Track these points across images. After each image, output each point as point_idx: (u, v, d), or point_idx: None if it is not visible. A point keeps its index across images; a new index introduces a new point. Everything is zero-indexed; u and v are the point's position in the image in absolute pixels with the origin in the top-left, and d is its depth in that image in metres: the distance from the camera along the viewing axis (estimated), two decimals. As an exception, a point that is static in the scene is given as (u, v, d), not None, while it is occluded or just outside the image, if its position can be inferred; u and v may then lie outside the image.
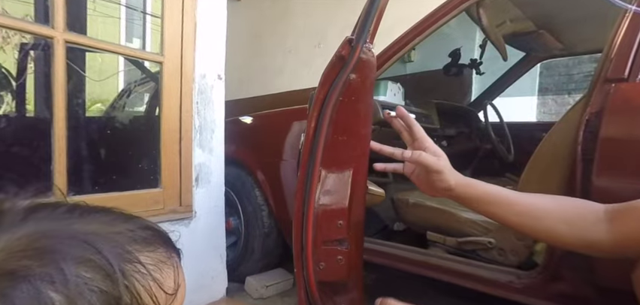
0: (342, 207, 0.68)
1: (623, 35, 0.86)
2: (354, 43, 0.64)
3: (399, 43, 1.41)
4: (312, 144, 0.64)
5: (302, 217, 0.67)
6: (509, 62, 1.93)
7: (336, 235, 0.69)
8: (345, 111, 0.64)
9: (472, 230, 1.24)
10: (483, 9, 1.31)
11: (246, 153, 1.65)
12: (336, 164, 0.67)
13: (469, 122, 1.86)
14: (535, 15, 1.46)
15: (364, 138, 0.69)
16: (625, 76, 0.84)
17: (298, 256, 0.68)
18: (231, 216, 1.59)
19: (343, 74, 0.63)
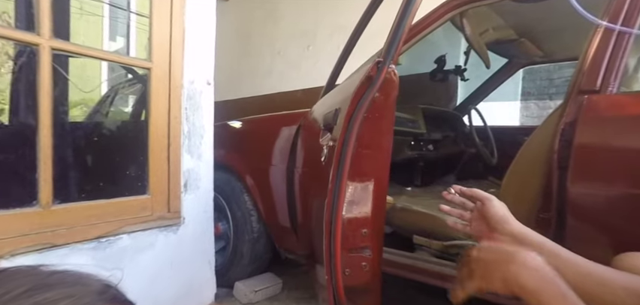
0: (366, 216, 0.73)
1: (595, 49, 0.90)
2: (381, 64, 0.70)
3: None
4: (340, 157, 0.67)
5: (330, 226, 0.69)
6: (493, 68, 1.98)
7: (361, 243, 0.74)
8: (370, 127, 0.70)
9: (457, 234, 1.28)
10: (466, 19, 1.35)
11: (235, 158, 1.66)
12: (360, 175, 0.71)
13: (454, 126, 1.90)
14: (516, 24, 1.51)
15: (386, 151, 0.74)
16: (597, 88, 0.88)
17: (328, 263, 0.70)
18: (220, 221, 1.60)
19: (370, 93, 0.67)
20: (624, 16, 0.87)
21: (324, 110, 1.03)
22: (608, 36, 0.88)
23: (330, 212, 0.69)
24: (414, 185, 1.81)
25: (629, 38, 0.86)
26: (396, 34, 0.72)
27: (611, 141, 0.86)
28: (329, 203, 0.69)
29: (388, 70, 0.70)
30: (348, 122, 0.67)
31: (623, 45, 0.87)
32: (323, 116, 0.91)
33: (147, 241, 1.26)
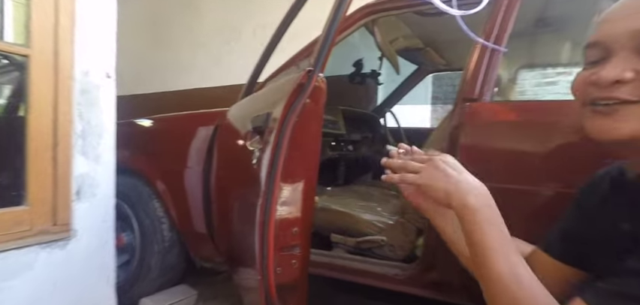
0: (296, 216, 0.77)
1: (474, 62, 1.03)
2: (311, 73, 0.74)
3: (304, 52, 1.47)
4: (274, 160, 0.70)
5: (263, 227, 0.72)
6: (406, 73, 2.15)
7: (292, 241, 0.78)
8: (301, 131, 0.73)
9: (369, 230, 1.36)
10: (377, 26, 1.44)
11: (143, 160, 1.51)
12: (291, 177, 0.75)
13: (372, 128, 2.02)
14: (421, 34, 1.66)
15: (315, 154, 0.79)
16: (475, 96, 1.01)
17: (261, 263, 0.73)
18: (124, 231, 1.44)
19: (301, 99, 0.72)
20: (496, 35, 1.00)
21: (251, 112, 1.02)
22: (484, 52, 1.01)
23: (264, 213, 0.71)
24: (334, 185, 1.87)
25: (498, 55, 1.00)
26: (324, 45, 0.76)
27: (486, 143, 0.99)
28: (262, 205, 0.71)
29: (317, 78, 0.74)
30: (281, 126, 0.70)
31: (495, 60, 1.00)
32: (251, 119, 0.92)
33: (22, 262, 1.07)
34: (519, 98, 2.29)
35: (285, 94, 0.77)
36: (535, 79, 3.51)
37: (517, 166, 0.94)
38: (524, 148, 0.94)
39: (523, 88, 3.54)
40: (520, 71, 2.03)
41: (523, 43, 1.73)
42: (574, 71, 1.97)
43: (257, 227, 0.74)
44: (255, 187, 0.80)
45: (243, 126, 1.07)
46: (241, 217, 1.00)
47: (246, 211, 0.90)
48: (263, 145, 0.78)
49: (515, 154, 0.95)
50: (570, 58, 1.97)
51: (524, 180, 0.92)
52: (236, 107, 1.40)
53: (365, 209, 1.47)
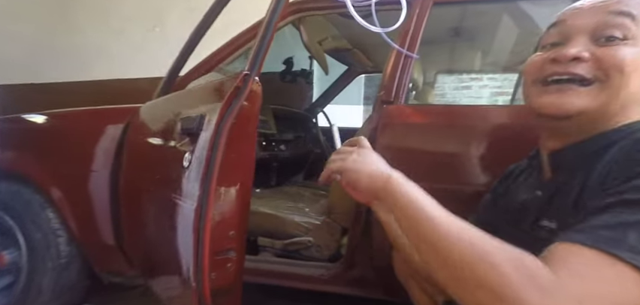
0: (232, 219, 0.77)
1: (391, 67, 1.07)
2: (248, 77, 0.74)
3: (227, 50, 1.39)
4: (210, 162, 0.69)
5: (199, 232, 0.70)
6: (337, 73, 2.19)
7: (228, 245, 0.77)
8: (237, 133, 0.73)
9: (296, 231, 1.34)
10: (303, 25, 1.42)
11: (33, 164, 1.29)
12: (227, 179, 0.74)
13: (305, 127, 2.01)
14: (348, 35, 1.69)
15: (250, 156, 0.79)
16: (391, 99, 1.05)
17: (195, 270, 0.72)
18: (6, 249, 1.22)
19: (238, 102, 0.72)
20: (409, 43, 1.05)
21: (175, 112, 0.97)
22: (399, 58, 1.05)
23: (199, 217, 0.70)
24: (265, 186, 1.82)
25: (411, 61, 1.05)
26: (260, 49, 0.78)
27: (401, 143, 1.03)
28: (198, 209, 0.70)
29: (254, 81, 0.76)
30: (217, 128, 0.70)
31: (408, 66, 1.05)
32: (180, 120, 0.87)
33: None
34: (438, 100, 2.51)
35: (219, 96, 0.77)
36: (454, 83, 3.88)
37: (429, 165, 1.00)
38: (434, 148, 1.00)
39: (443, 91, 3.90)
40: (439, 76, 2.21)
41: (442, 51, 1.87)
42: (485, 77, 2.20)
43: (191, 232, 0.72)
44: (179, 190, 0.78)
45: (166, 126, 0.99)
46: (161, 223, 0.93)
47: (167, 216, 0.86)
48: (196, 147, 0.76)
49: (427, 153, 1.01)
50: (481, 66, 2.19)
51: (435, 179, 0.98)
52: (152, 104, 1.27)
53: (293, 211, 1.45)
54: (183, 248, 0.79)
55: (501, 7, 1.29)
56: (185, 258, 0.77)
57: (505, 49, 1.70)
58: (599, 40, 0.45)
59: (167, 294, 1.00)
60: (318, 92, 2.43)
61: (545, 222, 0.49)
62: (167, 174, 0.89)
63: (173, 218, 0.82)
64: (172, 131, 0.93)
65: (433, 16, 1.10)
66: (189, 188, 0.74)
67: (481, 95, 3.69)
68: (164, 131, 1.01)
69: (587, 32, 0.46)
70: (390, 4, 1.04)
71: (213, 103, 0.77)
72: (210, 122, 0.73)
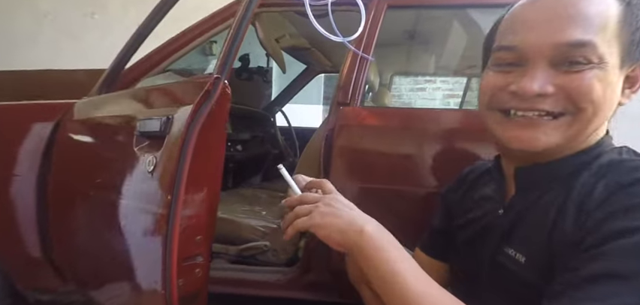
0: (200, 223, 0.76)
1: (347, 68, 1.06)
2: (218, 80, 0.74)
3: (179, 41, 1.30)
4: (179, 167, 0.68)
5: (167, 239, 0.69)
6: (296, 72, 2.16)
7: (196, 250, 0.76)
8: (205, 136, 0.71)
9: (252, 235, 1.29)
10: (258, 22, 1.37)
11: None
12: (195, 183, 0.73)
13: (263, 127, 1.95)
14: (306, 34, 1.66)
15: (219, 159, 0.78)
16: (348, 101, 1.04)
17: (164, 278, 0.70)
18: None
19: (208, 105, 0.72)
20: (364, 45, 1.05)
21: (128, 112, 0.93)
22: (355, 60, 1.05)
23: (167, 224, 0.68)
24: (221, 189, 1.73)
25: (367, 63, 1.05)
26: (230, 51, 0.77)
27: (357, 145, 1.03)
28: (165, 215, 0.68)
29: (224, 85, 0.75)
30: (186, 132, 0.69)
31: (364, 68, 1.05)
32: (138, 122, 0.83)
33: None
34: (394, 101, 2.58)
35: (186, 98, 0.76)
36: (409, 85, 4.04)
37: (384, 167, 1.01)
38: (390, 150, 1.02)
39: (399, 93, 4.04)
40: (395, 77, 2.27)
41: (397, 53, 1.92)
42: (438, 80, 2.28)
43: (156, 237, 0.71)
44: (139, 195, 0.77)
45: (114, 127, 0.94)
46: (106, 229, 0.88)
47: (114, 222, 0.83)
48: (162, 151, 0.73)
49: (383, 155, 1.02)
50: (434, 69, 2.29)
51: (391, 180, 1.00)
52: (92, 101, 1.15)
53: (249, 214, 1.40)
54: (142, 254, 0.77)
55: (451, 14, 1.34)
56: (146, 265, 0.75)
57: (456, 54, 1.78)
58: (560, 66, 0.41)
59: (117, 303, 0.93)
60: (277, 90, 2.38)
61: (511, 251, 0.47)
62: (116, 178, 0.85)
63: (127, 224, 0.80)
64: (124, 133, 0.87)
65: (388, 19, 1.11)
66: (154, 193, 0.72)
67: (434, 96, 3.88)
68: (113, 132, 0.94)
69: (546, 58, 0.41)
70: (347, 5, 1.03)
71: (179, 105, 0.76)
72: (176, 125, 0.72)
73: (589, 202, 0.38)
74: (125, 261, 0.81)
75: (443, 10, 1.30)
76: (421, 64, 2.16)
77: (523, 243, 0.45)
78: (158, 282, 0.69)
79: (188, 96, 0.75)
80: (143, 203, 0.75)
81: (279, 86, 2.46)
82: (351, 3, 1.01)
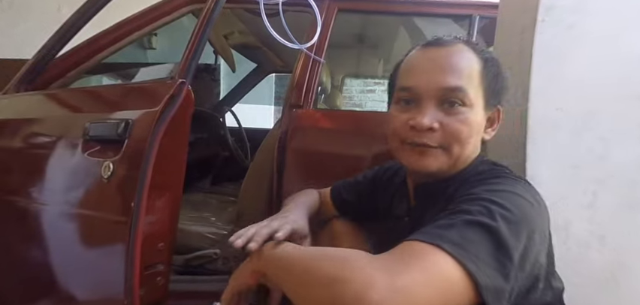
0: (162, 231, 0.75)
1: (299, 71, 1.05)
2: (183, 85, 0.73)
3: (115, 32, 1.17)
4: (142, 173, 0.66)
5: (128, 248, 0.67)
6: (246, 70, 2.09)
7: (158, 258, 0.75)
8: (169, 141, 0.70)
9: (200, 243, 1.22)
10: (205, 18, 1.29)
11: None
12: (157, 190, 0.71)
13: (209, 128, 1.86)
14: (257, 32, 1.62)
15: (181, 164, 0.77)
16: (301, 103, 1.04)
17: (126, 288, 0.68)
18: None
19: (172, 109, 0.70)
20: (316, 48, 1.06)
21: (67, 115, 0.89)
22: (307, 62, 1.04)
23: (129, 232, 0.67)
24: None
25: (319, 65, 1.06)
26: (194, 55, 0.77)
27: (310, 147, 1.03)
28: (126, 223, 0.67)
29: (188, 88, 0.75)
30: (150, 137, 0.67)
31: (316, 70, 1.05)
32: (89, 125, 0.78)
33: None
34: (346, 102, 2.65)
35: (146, 102, 0.75)
36: (359, 87, 4.18)
37: (337, 168, 1.03)
38: (343, 152, 1.03)
39: (351, 94, 4.16)
40: (346, 79, 2.32)
41: (348, 56, 1.96)
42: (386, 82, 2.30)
43: (114, 246, 0.70)
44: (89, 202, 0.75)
45: (51, 129, 0.88)
46: (45, 243, 0.83)
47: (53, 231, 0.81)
48: (121, 156, 0.71)
49: (336, 157, 1.04)
50: (383, 72, 2.39)
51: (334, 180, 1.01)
52: (14, 100, 0.99)
53: (197, 221, 1.32)
54: (100, 265, 0.75)
55: (398, 20, 1.41)
56: (104, 275, 0.74)
57: (401, 58, 1.87)
58: (444, 105, 0.55)
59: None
60: (225, 89, 2.29)
61: None
62: (59, 186, 0.81)
63: (77, 234, 0.77)
64: (68, 137, 0.82)
65: (339, 22, 1.13)
66: (112, 201, 0.71)
67: (383, 98, 4.03)
68: (51, 136, 0.87)
69: (433, 98, 0.56)
70: (298, 6, 1.03)
71: (137, 109, 0.74)
72: (138, 130, 0.71)
73: (455, 198, 0.52)
74: (76, 273, 0.79)
75: (390, 16, 1.36)
76: (371, 66, 2.23)
77: None
78: (119, 293, 0.68)
79: (149, 100, 0.74)
80: (98, 212, 0.73)
81: (227, 84, 2.37)
82: (304, 5, 1.01)
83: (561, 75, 0.64)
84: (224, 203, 1.57)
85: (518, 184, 0.51)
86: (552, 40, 0.63)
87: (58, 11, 2.25)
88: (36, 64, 1.03)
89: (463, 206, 0.47)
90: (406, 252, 0.43)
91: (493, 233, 0.43)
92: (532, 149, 0.63)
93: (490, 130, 0.60)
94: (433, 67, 0.56)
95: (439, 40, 0.59)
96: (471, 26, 1.09)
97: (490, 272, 0.41)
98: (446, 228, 0.44)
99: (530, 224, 0.46)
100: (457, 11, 1.15)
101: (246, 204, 1.24)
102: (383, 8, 1.20)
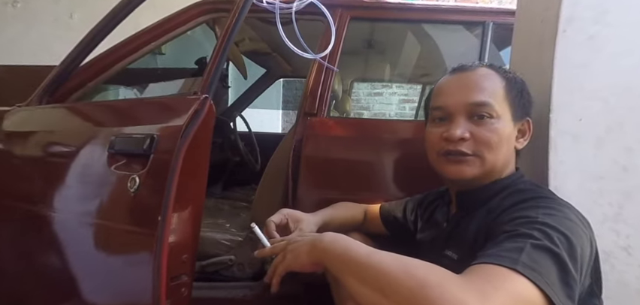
0: (186, 243, 0.77)
1: (313, 79, 1.06)
2: (206, 99, 0.74)
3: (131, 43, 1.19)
4: (168, 186, 0.67)
5: (154, 260, 0.68)
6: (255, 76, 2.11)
7: (182, 270, 0.76)
8: (192, 155, 0.72)
9: (215, 250, 1.23)
10: (218, 25, 1.32)
11: None
12: (181, 202, 0.73)
13: (221, 133, 1.87)
14: (267, 39, 1.63)
15: (204, 177, 0.80)
16: (315, 111, 1.04)
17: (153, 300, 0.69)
18: None
19: (196, 124, 0.71)
20: (330, 56, 1.06)
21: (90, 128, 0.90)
22: (321, 69, 1.05)
23: (156, 244, 0.68)
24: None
25: (333, 73, 1.07)
26: (217, 68, 0.78)
27: (325, 155, 1.04)
28: (153, 236, 0.68)
29: (211, 103, 0.76)
30: (176, 152, 0.69)
31: (330, 78, 1.06)
32: (115, 139, 0.80)
33: None
34: (354, 106, 2.66)
35: (168, 116, 0.77)
36: (367, 90, 4.19)
37: (351, 176, 1.03)
38: (357, 159, 1.04)
39: (358, 97, 4.17)
40: (355, 83, 2.33)
41: (357, 61, 1.97)
42: (394, 86, 2.38)
43: (147, 259, 0.70)
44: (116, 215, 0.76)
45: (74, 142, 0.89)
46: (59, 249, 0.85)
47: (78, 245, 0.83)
48: (147, 170, 0.73)
49: (350, 165, 1.04)
50: (390, 76, 2.39)
51: (357, 189, 1.01)
52: (41, 111, 1.02)
53: (211, 228, 1.33)
54: (126, 275, 0.77)
55: (406, 26, 1.41)
56: (131, 286, 0.75)
57: (410, 63, 1.88)
58: (473, 118, 0.61)
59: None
60: (235, 95, 2.30)
61: (449, 252, 0.63)
62: (84, 198, 0.83)
63: (102, 246, 0.79)
64: (93, 150, 0.84)
65: (350, 29, 1.14)
66: (139, 214, 0.72)
67: (391, 101, 4.08)
68: (75, 149, 0.89)
69: (463, 113, 0.62)
70: (311, 14, 1.04)
71: (160, 123, 0.76)
72: (163, 145, 0.72)
73: (499, 212, 0.57)
74: (102, 283, 0.80)
75: (400, 23, 1.36)
76: (379, 71, 2.24)
77: (456, 245, 0.64)
78: (146, 303, 0.69)
79: (174, 114, 0.75)
80: (124, 224, 0.75)
81: (235, 90, 2.38)
82: (318, 14, 1.02)
83: (583, 86, 0.64)
84: (237, 209, 1.59)
85: (565, 207, 0.54)
86: (573, 52, 0.63)
87: (70, 18, 2.29)
88: (58, 76, 1.05)
89: (522, 230, 0.48)
90: (487, 275, 0.43)
91: (559, 258, 0.45)
92: (555, 160, 0.63)
93: (522, 140, 0.64)
94: (460, 87, 0.63)
95: (464, 65, 0.66)
96: (484, 34, 1.09)
97: (563, 297, 0.44)
98: (516, 252, 0.45)
99: (582, 247, 0.49)
100: (470, 18, 1.15)
101: (259, 211, 1.25)
102: (395, 16, 1.20)
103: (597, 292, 0.55)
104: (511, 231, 0.49)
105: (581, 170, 0.64)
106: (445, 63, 1.24)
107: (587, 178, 0.64)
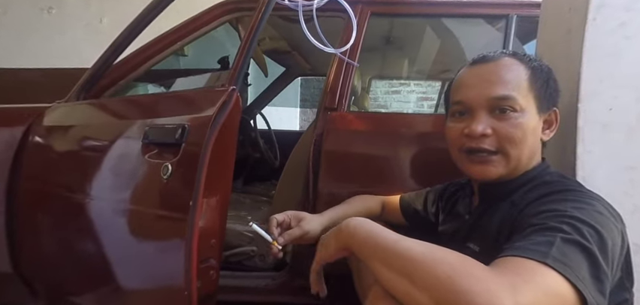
0: (213, 228, 0.80)
1: (334, 74, 1.08)
2: (234, 91, 0.78)
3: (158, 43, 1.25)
4: (198, 175, 0.71)
5: (186, 243, 0.71)
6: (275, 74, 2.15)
7: (210, 254, 0.81)
8: (220, 144, 0.75)
9: (238, 241, 1.28)
10: (241, 25, 1.36)
11: None
12: (210, 189, 0.76)
13: (242, 130, 1.93)
14: (287, 37, 1.66)
15: (230, 166, 0.83)
16: (335, 106, 1.07)
17: (186, 280, 0.73)
18: None
19: (224, 115, 0.75)
20: (350, 51, 1.08)
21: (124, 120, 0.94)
22: (341, 65, 1.07)
23: (188, 228, 0.72)
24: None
25: (353, 69, 1.08)
26: (244, 61, 0.81)
27: (345, 149, 1.06)
28: (185, 220, 0.72)
29: (238, 94, 0.79)
30: (205, 141, 0.72)
31: (350, 73, 1.08)
32: (148, 130, 0.84)
33: None
34: (371, 103, 2.66)
35: (198, 108, 0.80)
36: (385, 88, 4.17)
37: (372, 169, 1.05)
38: (377, 153, 1.05)
39: (376, 95, 4.15)
40: (373, 81, 2.33)
41: (375, 57, 1.97)
42: (412, 83, 2.38)
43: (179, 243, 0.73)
44: (148, 201, 0.80)
45: (111, 133, 0.93)
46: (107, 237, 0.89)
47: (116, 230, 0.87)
48: (179, 159, 0.76)
49: (370, 159, 1.06)
50: (408, 73, 2.38)
51: (377, 183, 1.03)
52: (73, 108, 1.09)
53: (234, 220, 1.37)
54: (160, 258, 0.79)
55: (425, 21, 1.41)
56: (165, 268, 0.78)
57: (429, 59, 1.87)
58: (495, 112, 0.58)
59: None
60: (254, 93, 2.35)
61: (471, 245, 0.63)
62: (119, 186, 0.88)
63: (138, 230, 0.82)
64: (128, 141, 0.89)
65: (370, 25, 1.15)
66: (172, 200, 0.75)
67: (409, 99, 4.05)
68: (111, 139, 0.93)
69: (485, 107, 0.59)
70: (332, 11, 1.05)
71: (192, 114, 0.79)
72: (194, 135, 0.75)
73: (525, 205, 0.55)
74: (136, 264, 0.84)
75: (419, 18, 1.36)
76: (397, 68, 2.23)
77: (478, 238, 0.63)
78: (179, 284, 0.72)
79: (203, 106, 0.79)
80: (157, 209, 0.78)
81: (255, 88, 2.43)
82: (339, 10, 1.03)
83: (613, 74, 0.62)
84: (258, 202, 1.63)
85: (595, 200, 0.52)
86: (604, 39, 0.61)
87: (100, 22, 2.40)
88: (94, 74, 1.12)
89: (551, 223, 0.47)
90: (517, 268, 0.42)
91: (589, 253, 0.44)
92: (583, 150, 0.62)
93: (549, 131, 0.62)
94: (481, 80, 0.60)
95: (485, 56, 0.62)
96: (507, 27, 1.08)
97: (594, 291, 0.43)
98: (546, 246, 0.44)
99: (613, 240, 0.48)
100: (493, 11, 1.14)
101: (280, 204, 1.28)
102: (415, 11, 1.21)
103: (628, 285, 0.53)
104: (540, 225, 0.48)
105: (611, 160, 0.62)
106: (466, 59, 1.23)
107: (617, 168, 0.62)
